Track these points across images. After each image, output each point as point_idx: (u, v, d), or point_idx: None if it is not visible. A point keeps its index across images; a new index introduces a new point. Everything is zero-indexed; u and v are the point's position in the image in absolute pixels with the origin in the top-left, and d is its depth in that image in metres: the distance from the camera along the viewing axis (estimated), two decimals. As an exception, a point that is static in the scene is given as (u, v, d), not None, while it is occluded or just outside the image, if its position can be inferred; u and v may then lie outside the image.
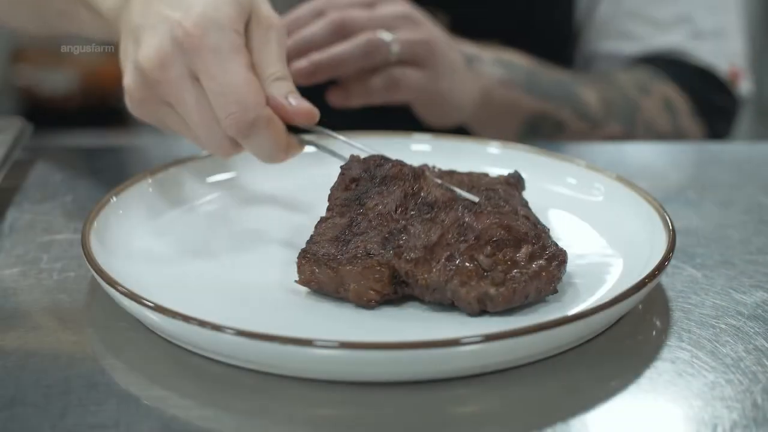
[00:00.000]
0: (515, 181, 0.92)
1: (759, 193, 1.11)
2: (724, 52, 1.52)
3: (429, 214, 0.83)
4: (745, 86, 1.55)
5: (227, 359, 0.74)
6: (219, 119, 0.88)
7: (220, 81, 0.87)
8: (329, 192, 0.88)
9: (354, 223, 0.84)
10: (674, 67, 1.49)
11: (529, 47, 1.44)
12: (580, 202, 0.98)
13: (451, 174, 0.94)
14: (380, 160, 0.88)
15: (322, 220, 0.86)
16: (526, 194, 0.94)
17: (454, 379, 0.73)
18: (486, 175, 0.94)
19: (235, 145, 0.92)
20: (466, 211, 0.83)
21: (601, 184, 0.99)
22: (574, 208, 0.98)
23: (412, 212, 0.84)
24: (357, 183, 0.87)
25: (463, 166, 0.98)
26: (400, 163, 0.88)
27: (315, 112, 0.91)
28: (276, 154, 0.90)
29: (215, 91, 0.87)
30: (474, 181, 0.92)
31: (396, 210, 0.84)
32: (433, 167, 0.96)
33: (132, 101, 0.94)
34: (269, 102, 0.89)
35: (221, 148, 0.92)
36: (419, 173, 0.87)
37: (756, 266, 0.92)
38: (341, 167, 0.89)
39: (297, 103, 0.90)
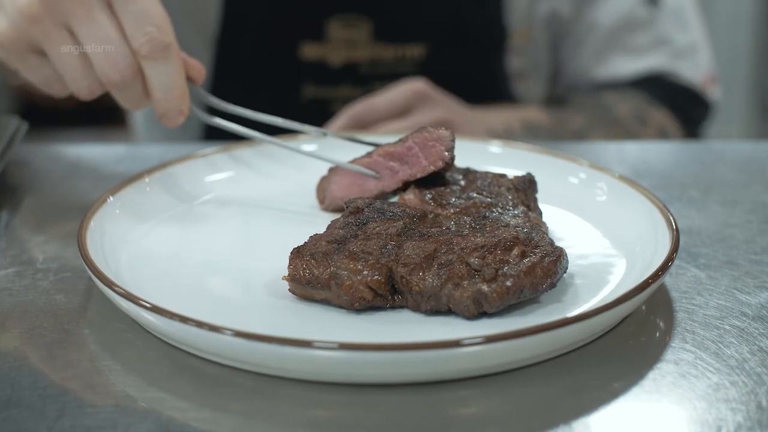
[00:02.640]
0: (525, 186, 0.92)
1: (763, 192, 1.11)
2: (698, 65, 1.58)
3: (424, 237, 0.83)
4: (717, 92, 1.62)
5: (225, 360, 0.74)
6: (132, 39, 0.91)
7: (139, 5, 0.91)
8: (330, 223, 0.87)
9: (351, 235, 0.83)
10: (663, 89, 1.55)
11: (459, 50, 1.45)
12: (582, 202, 0.98)
13: (467, 172, 0.94)
14: (388, 202, 0.89)
15: (317, 234, 0.85)
16: (529, 194, 0.94)
17: (455, 381, 0.72)
18: (503, 176, 0.94)
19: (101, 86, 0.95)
20: (459, 234, 0.83)
21: (604, 184, 0.99)
22: (577, 208, 0.97)
23: (408, 237, 0.83)
24: (360, 213, 0.86)
25: (464, 165, 0.98)
26: (406, 204, 0.89)
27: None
28: (175, 87, 0.93)
29: (133, 12, 0.91)
30: (485, 185, 0.92)
31: (394, 234, 0.83)
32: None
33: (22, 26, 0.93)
34: None
35: (90, 87, 0.95)
36: (423, 214, 0.87)
37: (761, 266, 0.91)
38: (345, 203, 0.89)
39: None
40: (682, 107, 1.55)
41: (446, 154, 0.91)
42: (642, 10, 1.55)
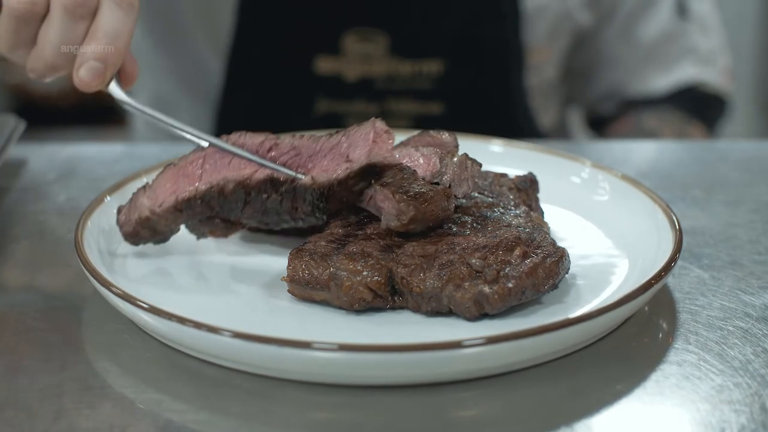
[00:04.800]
0: (526, 186, 0.92)
1: (767, 192, 1.10)
2: (721, 68, 1.58)
3: (424, 237, 0.82)
4: (732, 86, 1.62)
5: (223, 362, 0.73)
6: None
7: None
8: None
9: (351, 235, 0.82)
10: (695, 102, 1.55)
11: (477, 67, 1.44)
12: (584, 202, 0.97)
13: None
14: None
15: (317, 234, 0.84)
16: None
17: (456, 383, 0.72)
18: (504, 175, 0.93)
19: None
20: (459, 234, 0.82)
21: (607, 183, 0.98)
22: (579, 208, 0.97)
23: (408, 237, 0.82)
24: (360, 213, 0.86)
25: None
26: None
27: None
28: (123, 37, 0.87)
29: None
30: (487, 185, 0.91)
31: (394, 234, 0.82)
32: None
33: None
34: None
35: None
36: None
37: (765, 267, 0.90)
38: None
39: None
40: (713, 117, 1.57)
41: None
42: (674, 23, 1.55)
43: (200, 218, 0.84)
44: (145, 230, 0.85)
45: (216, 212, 0.84)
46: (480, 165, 0.87)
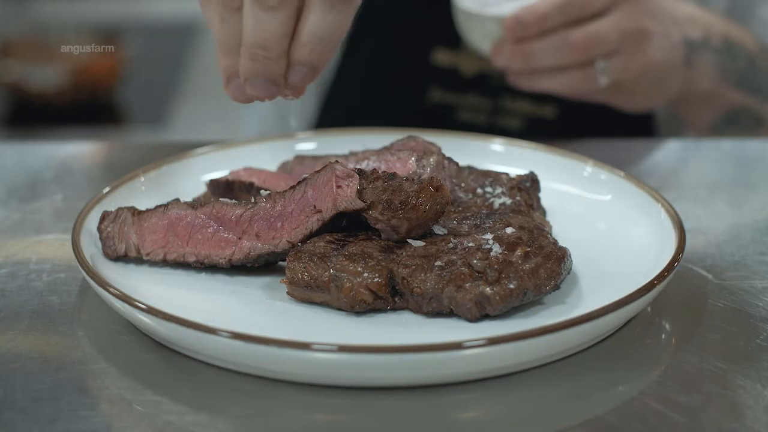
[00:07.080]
0: (528, 185, 0.91)
1: (771, 191, 1.10)
2: None
3: (425, 237, 0.82)
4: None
5: (222, 363, 0.73)
6: None
7: None
8: None
9: (351, 236, 0.82)
10: None
11: None
12: (587, 201, 0.97)
13: (468, 170, 0.93)
14: None
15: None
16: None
17: (457, 384, 0.71)
18: (506, 174, 0.92)
19: None
20: (461, 235, 0.81)
21: (609, 182, 0.97)
22: (581, 207, 0.96)
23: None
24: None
25: (466, 163, 0.97)
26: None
27: None
28: (333, 40, 0.80)
29: None
30: (488, 184, 0.90)
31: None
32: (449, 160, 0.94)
33: None
34: None
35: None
36: None
37: (768, 267, 0.90)
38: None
39: None
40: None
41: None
42: None
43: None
44: (127, 258, 0.85)
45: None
46: (457, 164, 0.87)
